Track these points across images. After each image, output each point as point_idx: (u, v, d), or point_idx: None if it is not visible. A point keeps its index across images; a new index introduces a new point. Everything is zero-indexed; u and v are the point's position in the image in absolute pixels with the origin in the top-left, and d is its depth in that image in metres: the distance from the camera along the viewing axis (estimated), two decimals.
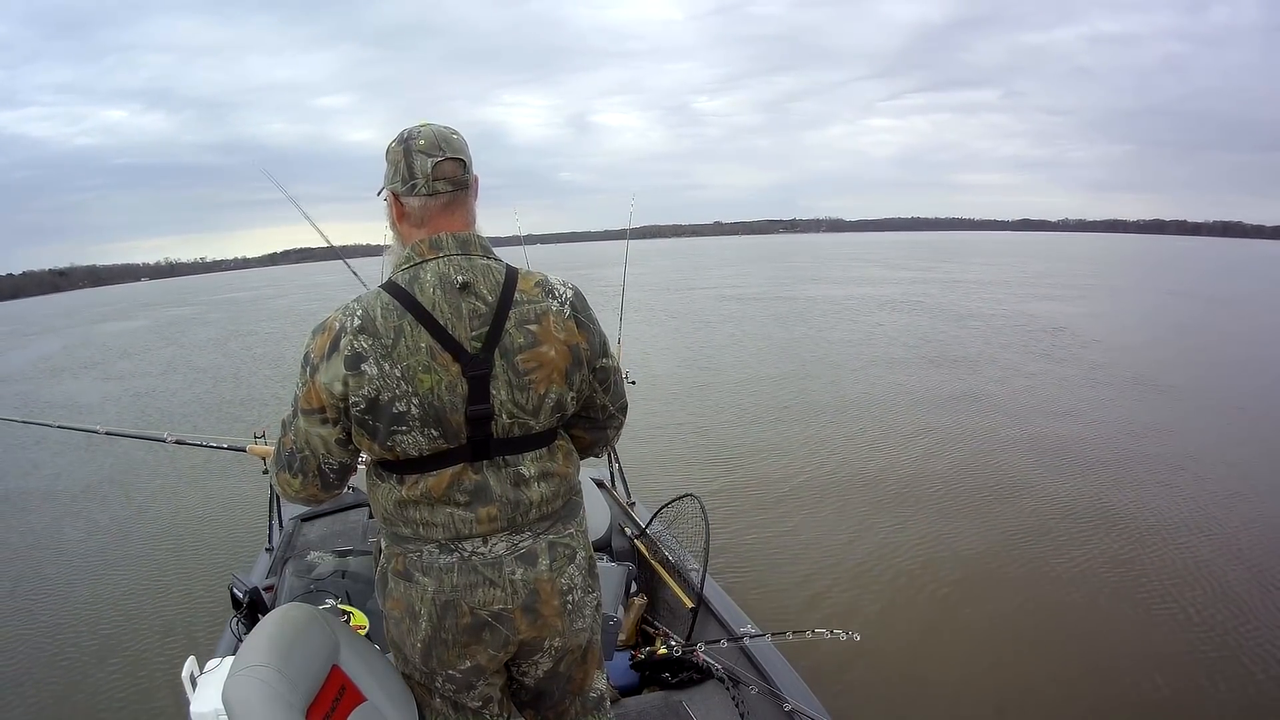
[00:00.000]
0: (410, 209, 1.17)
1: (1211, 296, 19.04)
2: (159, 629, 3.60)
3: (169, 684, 3.01)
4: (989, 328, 12.85)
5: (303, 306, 25.00)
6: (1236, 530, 4.24)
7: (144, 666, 3.29)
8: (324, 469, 1.19)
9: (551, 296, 1.19)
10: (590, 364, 1.23)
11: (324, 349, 1.11)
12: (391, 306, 1.12)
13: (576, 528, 1.27)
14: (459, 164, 1.17)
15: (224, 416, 8.66)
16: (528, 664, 1.28)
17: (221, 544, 4.59)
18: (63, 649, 3.49)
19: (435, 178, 1.15)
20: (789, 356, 10.76)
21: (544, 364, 1.16)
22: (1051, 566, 3.90)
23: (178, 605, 3.82)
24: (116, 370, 13.68)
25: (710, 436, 6.66)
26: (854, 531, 4.40)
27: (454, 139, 1.17)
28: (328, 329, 1.12)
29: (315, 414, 1.14)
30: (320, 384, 1.11)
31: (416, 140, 1.15)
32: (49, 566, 4.50)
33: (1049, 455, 5.72)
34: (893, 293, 20.01)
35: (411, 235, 1.18)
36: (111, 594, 4.03)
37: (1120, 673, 3.00)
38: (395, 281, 1.15)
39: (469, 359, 1.11)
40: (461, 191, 1.18)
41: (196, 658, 1.67)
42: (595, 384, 1.27)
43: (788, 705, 1.85)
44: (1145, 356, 9.98)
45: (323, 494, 1.23)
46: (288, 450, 1.19)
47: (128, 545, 4.76)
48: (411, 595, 1.18)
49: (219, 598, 3.01)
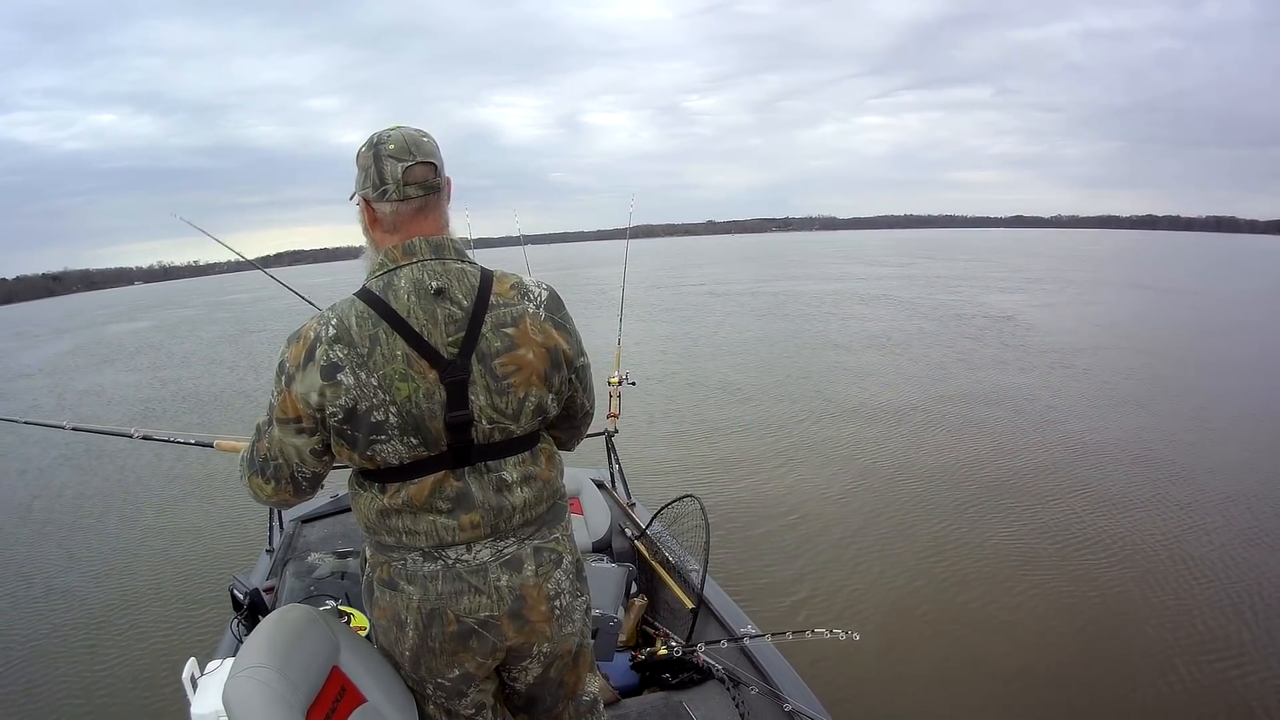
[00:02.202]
0: (382, 214, 1.16)
1: (1169, 288, 19.68)
2: (159, 630, 3.60)
3: (169, 685, 3.01)
4: (950, 317, 13.76)
5: (304, 307, 24.88)
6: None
7: (144, 667, 3.30)
8: (297, 476, 1.19)
9: (527, 299, 1.18)
10: (570, 364, 1.23)
11: (299, 359, 1.10)
12: (366, 314, 1.10)
13: (562, 532, 1.26)
14: (430, 168, 1.15)
15: (250, 404, 9.03)
16: (517, 669, 1.28)
17: (221, 545, 4.59)
18: (63, 649, 3.50)
19: (406, 182, 1.13)
20: (773, 348, 11.29)
21: (522, 367, 1.15)
22: (1056, 566, 3.90)
23: (178, 606, 3.82)
24: (135, 364, 14.52)
25: (708, 436, 6.65)
26: (854, 532, 4.40)
27: (425, 142, 1.15)
28: (303, 338, 1.11)
29: (291, 424, 1.13)
30: (296, 394, 1.10)
31: (386, 145, 1.13)
32: (49, 567, 4.50)
33: (1054, 458, 5.74)
34: (861, 287, 20.89)
35: (384, 241, 1.17)
36: (112, 595, 4.03)
37: (1124, 670, 2.99)
38: (369, 288, 1.14)
39: (446, 365, 1.10)
40: (434, 195, 1.17)
41: (197, 659, 1.66)
42: (577, 384, 1.26)
43: (788, 706, 1.85)
44: (1065, 341, 10.87)
45: (294, 499, 1.24)
46: (261, 456, 1.18)
47: (128, 546, 4.76)
48: (397, 604, 1.18)
49: (219, 599, 3.01)
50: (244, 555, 3.96)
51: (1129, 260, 35.70)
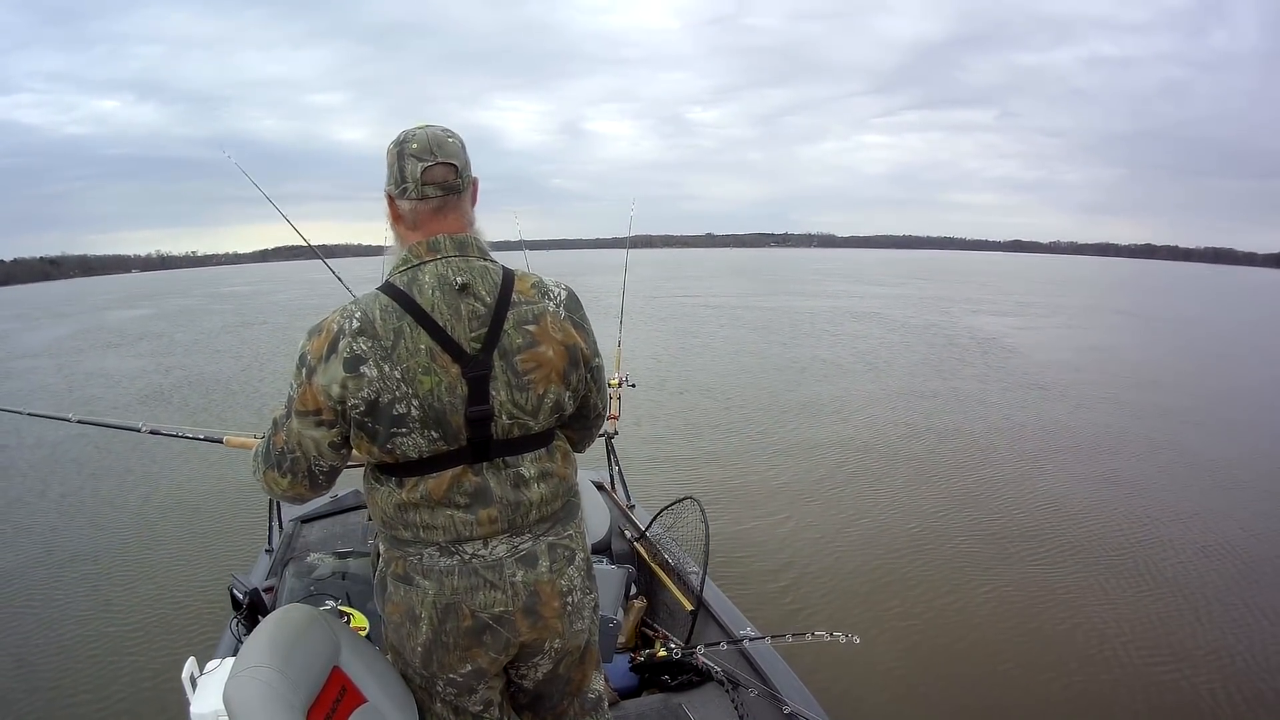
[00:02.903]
0: (403, 211, 1.18)
1: (1153, 316, 19.66)
2: (159, 629, 3.59)
3: (169, 685, 3.01)
4: (937, 337, 13.79)
5: (306, 302, 25.09)
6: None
7: (144, 667, 3.29)
8: (314, 470, 1.19)
9: (547, 298, 1.20)
10: (588, 363, 1.24)
11: (322, 351, 1.11)
12: (391, 308, 1.12)
13: (575, 529, 1.27)
14: (450, 169, 1.16)
15: (256, 395, 9.04)
16: (527, 666, 1.29)
17: (221, 545, 4.58)
18: (63, 649, 3.49)
19: (424, 182, 1.15)
20: (767, 360, 11.26)
21: (542, 364, 1.16)
22: (1054, 568, 3.90)
23: (177, 606, 3.81)
24: (138, 350, 14.67)
25: (706, 437, 6.66)
26: (855, 534, 4.40)
27: (449, 143, 1.17)
28: (325, 331, 1.12)
29: (310, 416, 1.13)
30: (318, 386, 1.11)
31: (410, 144, 1.15)
32: (49, 567, 4.49)
33: (1059, 458, 5.73)
34: (830, 305, 21.13)
35: (407, 237, 1.19)
36: (111, 594, 4.02)
37: (1125, 672, 2.99)
38: (393, 283, 1.15)
39: (469, 360, 1.12)
40: (453, 196, 1.18)
41: (196, 658, 1.66)
42: (592, 383, 1.28)
43: (787, 708, 1.85)
44: (1041, 360, 11.08)
45: (309, 494, 1.24)
46: (278, 449, 1.19)
47: (127, 545, 4.74)
48: (412, 599, 1.18)
49: (219, 599, 3.01)
50: (244, 555, 3.96)
51: (1121, 287, 35.33)
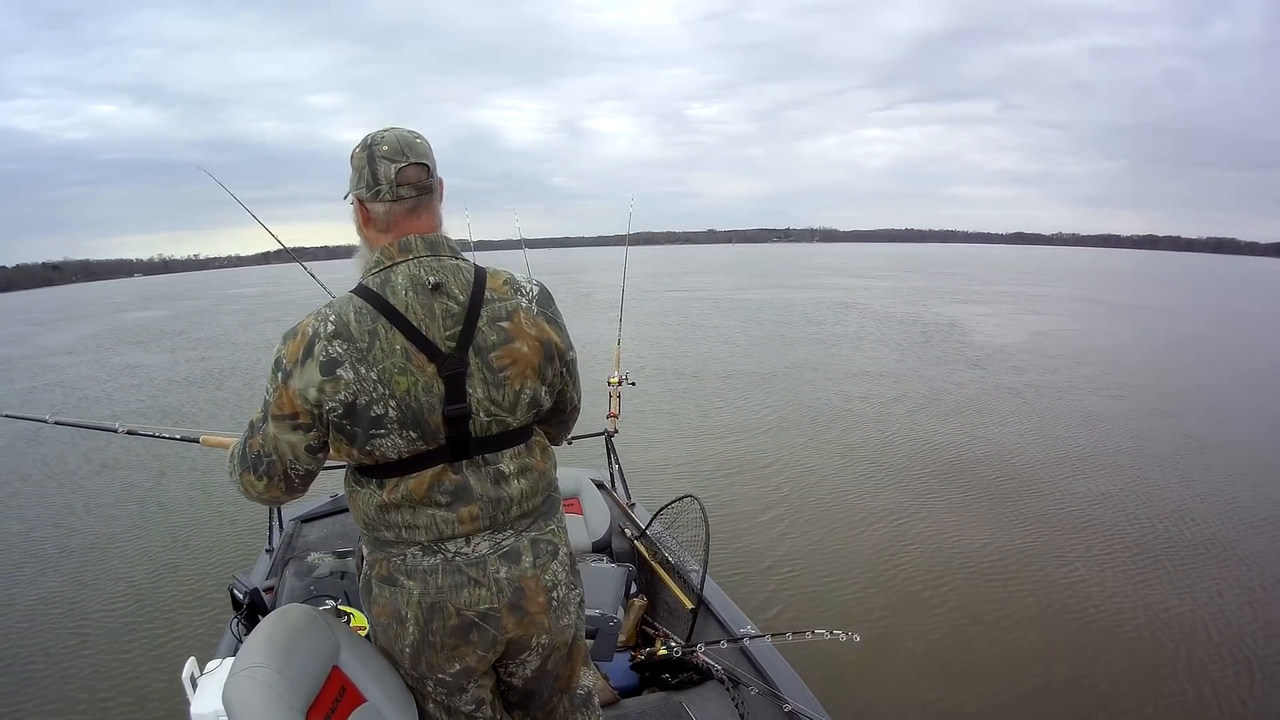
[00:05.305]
0: (375, 214, 1.18)
1: (1135, 304, 19.78)
2: (159, 629, 3.60)
3: (169, 685, 3.01)
4: (917, 328, 14.12)
5: (316, 302, 25.05)
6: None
7: (144, 667, 3.29)
8: (290, 473, 1.19)
9: (519, 294, 1.21)
10: (561, 357, 1.25)
11: (297, 355, 1.11)
12: (365, 310, 1.12)
13: (557, 524, 1.28)
14: (423, 169, 1.17)
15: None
16: (515, 664, 1.29)
17: (221, 545, 4.58)
18: (63, 649, 3.49)
19: (399, 183, 1.15)
20: (762, 350, 11.58)
21: (518, 360, 1.17)
22: (1056, 568, 3.90)
23: (178, 606, 3.81)
24: (163, 346, 15.53)
25: (705, 436, 6.66)
26: (854, 532, 4.40)
27: (418, 144, 1.17)
28: (300, 334, 1.12)
29: (287, 420, 1.13)
30: (294, 390, 1.11)
31: (380, 146, 1.16)
32: (49, 567, 4.49)
33: (1066, 458, 5.73)
34: (821, 297, 21.49)
35: (378, 240, 1.19)
36: (111, 594, 4.02)
37: (1124, 671, 3.00)
38: (366, 285, 1.15)
39: (444, 359, 1.12)
40: (426, 196, 1.19)
41: (196, 659, 1.66)
42: (567, 377, 1.29)
43: (788, 706, 1.85)
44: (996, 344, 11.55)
45: (285, 496, 1.24)
46: (254, 453, 1.19)
47: (127, 546, 4.74)
48: (397, 600, 1.18)
49: (219, 599, 3.01)
50: (244, 555, 3.96)
51: (1117, 278, 35.37)
